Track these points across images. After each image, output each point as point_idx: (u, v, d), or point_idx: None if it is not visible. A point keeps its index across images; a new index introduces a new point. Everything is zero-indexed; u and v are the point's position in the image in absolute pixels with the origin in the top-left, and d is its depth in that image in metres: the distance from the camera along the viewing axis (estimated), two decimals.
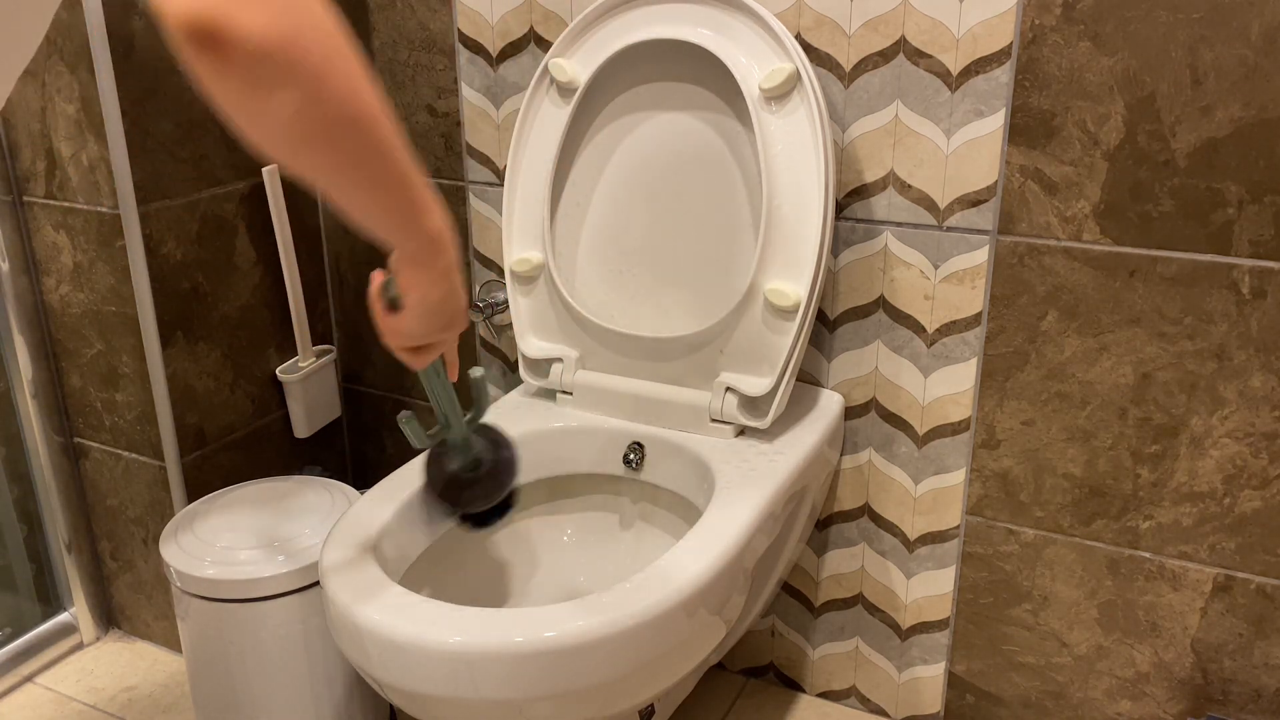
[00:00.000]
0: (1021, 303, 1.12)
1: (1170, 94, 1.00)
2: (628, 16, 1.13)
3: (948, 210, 1.12)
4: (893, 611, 1.31)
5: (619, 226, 1.18)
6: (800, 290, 1.08)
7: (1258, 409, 1.05)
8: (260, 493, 1.28)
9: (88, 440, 1.43)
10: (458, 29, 1.31)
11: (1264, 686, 1.14)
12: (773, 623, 1.39)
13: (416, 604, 0.87)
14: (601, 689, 0.87)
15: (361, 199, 0.67)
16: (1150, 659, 1.18)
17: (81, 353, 1.37)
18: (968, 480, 1.21)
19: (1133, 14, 0.99)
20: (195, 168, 1.31)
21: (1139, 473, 1.12)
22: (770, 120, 1.08)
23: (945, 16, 1.06)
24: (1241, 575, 1.11)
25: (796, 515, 1.17)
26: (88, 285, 1.31)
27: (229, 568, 1.15)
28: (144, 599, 1.49)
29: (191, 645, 1.22)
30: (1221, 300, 1.03)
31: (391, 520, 1.01)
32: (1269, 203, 0.99)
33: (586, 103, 1.16)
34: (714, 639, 0.99)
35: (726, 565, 0.93)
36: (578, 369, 1.21)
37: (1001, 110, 1.07)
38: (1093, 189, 1.05)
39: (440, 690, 0.84)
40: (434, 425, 0.95)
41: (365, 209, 0.68)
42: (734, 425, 1.14)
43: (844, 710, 1.38)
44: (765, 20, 1.07)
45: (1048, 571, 1.20)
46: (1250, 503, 1.08)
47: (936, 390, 1.19)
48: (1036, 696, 1.26)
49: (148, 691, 1.44)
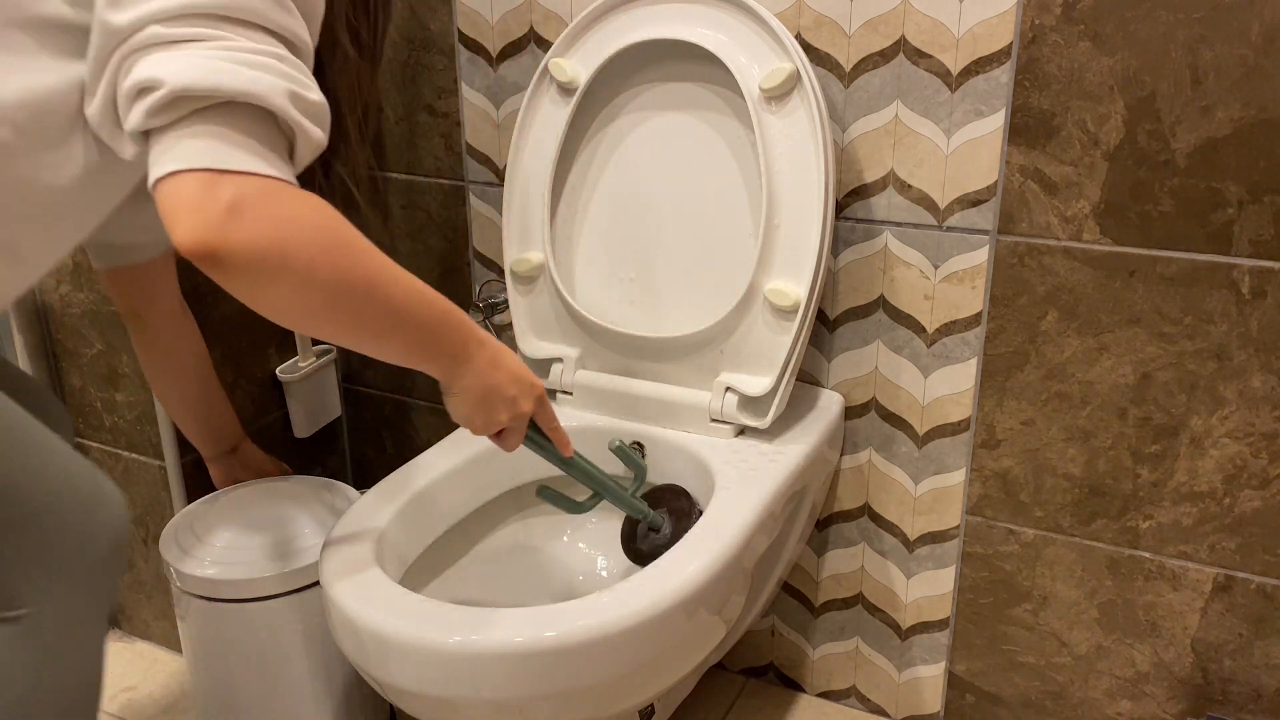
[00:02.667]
0: (1021, 303, 1.12)
1: (1170, 94, 1.00)
2: (628, 16, 1.13)
3: (948, 210, 1.12)
4: (893, 611, 1.31)
5: (619, 226, 1.18)
6: (800, 290, 1.08)
7: (1258, 409, 1.05)
8: (260, 493, 1.28)
9: (88, 440, 1.42)
10: (458, 29, 1.31)
11: (1264, 686, 1.14)
12: (773, 623, 1.39)
13: (416, 604, 0.87)
14: (601, 689, 0.87)
15: (377, 347, 0.79)
16: (1150, 659, 1.19)
17: (81, 353, 1.37)
18: (968, 480, 1.21)
19: (1133, 14, 0.99)
20: None
21: (1139, 473, 1.12)
22: (770, 120, 1.08)
23: (945, 16, 1.06)
24: (1241, 575, 1.11)
25: (796, 515, 1.17)
26: (88, 285, 1.31)
27: (229, 568, 1.15)
28: (144, 599, 1.49)
29: (191, 645, 1.22)
30: (1221, 300, 1.03)
31: (391, 520, 1.01)
32: (1269, 203, 0.99)
33: (586, 103, 1.16)
34: (714, 639, 0.99)
35: (726, 565, 0.93)
36: (578, 369, 1.21)
37: (1001, 110, 1.07)
38: (1093, 189, 1.05)
39: (440, 690, 0.84)
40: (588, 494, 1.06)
41: (381, 351, 0.79)
42: (734, 425, 1.14)
43: (844, 710, 1.38)
44: (765, 20, 1.07)
45: (1048, 571, 1.20)
46: (1250, 503, 1.08)
47: (936, 390, 1.19)
48: (1036, 696, 1.26)
49: (148, 691, 1.44)
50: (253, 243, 0.66)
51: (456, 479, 1.09)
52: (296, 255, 0.68)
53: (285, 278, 0.68)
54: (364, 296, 0.73)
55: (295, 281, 0.68)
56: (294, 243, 0.68)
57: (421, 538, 1.06)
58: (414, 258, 1.43)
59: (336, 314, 0.73)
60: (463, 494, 1.11)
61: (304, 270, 0.68)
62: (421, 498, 1.06)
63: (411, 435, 1.57)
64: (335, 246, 0.71)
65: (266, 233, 0.66)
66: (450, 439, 1.16)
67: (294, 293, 0.69)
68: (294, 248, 0.68)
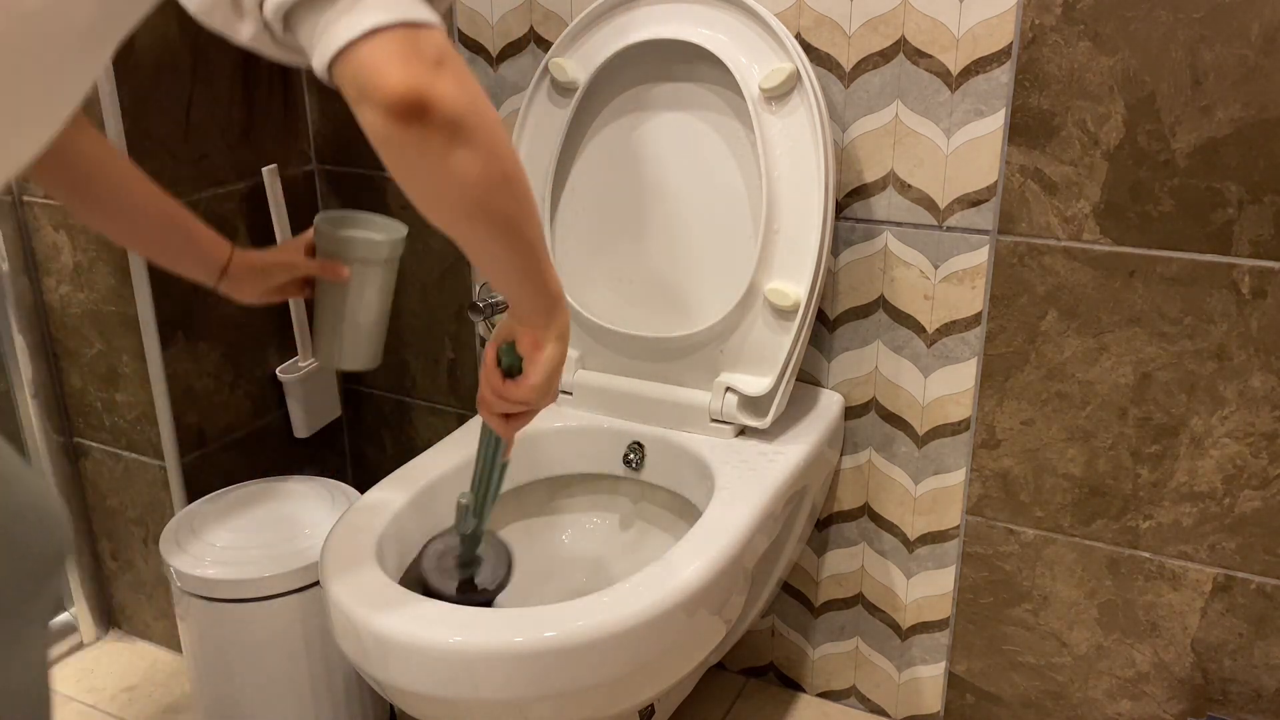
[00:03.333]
0: (1021, 303, 1.12)
1: (1170, 94, 1.00)
2: (628, 16, 1.13)
3: (948, 210, 1.12)
4: (893, 611, 1.31)
5: (619, 226, 1.18)
6: (800, 290, 1.08)
7: (1258, 409, 1.05)
8: (260, 493, 1.28)
9: (88, 440, 1.43)
10: (458, 29, 1.31)
11: (1264, 686, 1.14)
12: (773, 623, 1.39)
13: (416, 604, 0.87)
14: (601, 689, 0.87)
15: (510, 257, 0.75)
16: (1150, 659, 1.19)
17: (81, 353, 1.37)
18: (968, 480, 1.21)
19: (1133, 14, 0.99)
20: (195, 168, 1.31)
21: (1139, 472, 1.12)
22: (770, 120, 1.08)
23: (945, 16, 1.06)
24: (1241, 575, 1.11)
25: (796, 515, 1.17)
26: (88, 285, 1.31)
27: (229, 568, 1.15)
28: (144, 599, 1.49)
29: (191, 645, 1.22)
30: (1221, 300, 1.03)
31: (391, 520, 1.01)
32: (1269, 203, 0.99)
33: (586, 103, 1.16)
34: (714, 639, 0.99)
35: (726, 565, 0.93)
36: (578, 369, 1.21)
37: (1001, 110, 1.07)
38: (1093, 189, 1.05)
39: (440, 690, 0.84)
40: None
41: (510, 267, 0.76)
42: (734, 425, 1.14)
43: (844, 710, 1.38)
44: (765, 20, 1.07)
45: (1048, 571, 1.20)
46: (1250, 503, 1.08)
47: (936, 390, 1.19)
48: (1036, 696, 1.26)
49: (148, 691, 1.44)
50: (460, 97, 0.64)
51: (457, 479, 1.09)
52: (485, 121, 0.66)
53: (481, 139, 0.66)
54: (522, 190, 0.71)
55: (485, 147, 0.66)
56: (483, 107, 0.66)
57: (422, 538, 1.06)
58: (414, 258, 1.43)
59: (500, 198, 0.70)
60: None
61: (491, 138, 0.66)
62: (422, 498, 1.06)
63: (411, 435, 1.57)
64: (501, 124, 0.68)
65: (470, 89, 0.65)
66: (450, 439, 1.16)
67: (482, 160, 0.66)
68: (483, 112, 0.66)
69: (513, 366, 0.83)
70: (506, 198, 0.70)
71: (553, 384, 0.84)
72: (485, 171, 0.67)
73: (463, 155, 0.66)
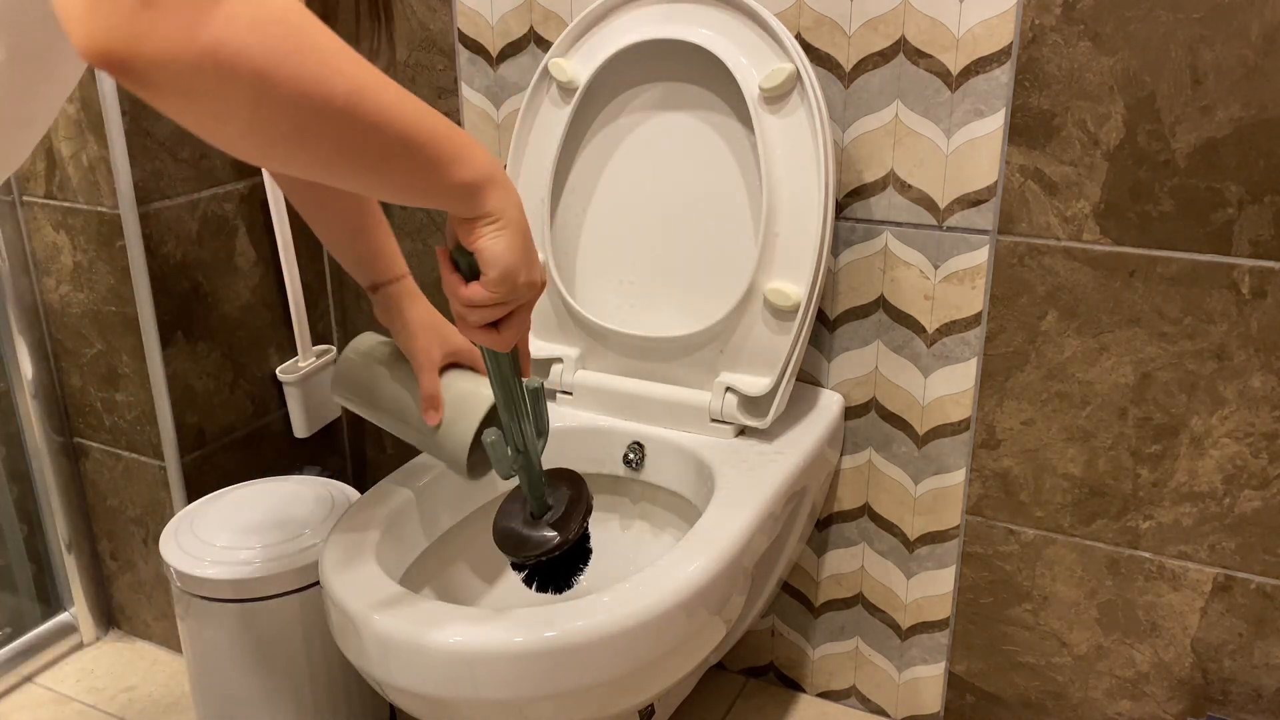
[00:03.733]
0: (1021, 303, 1.12)
1: (1170, 94, 1.00)
2: (628, 16, 1.13)
3: (948, 210, 1.12)
4: (893, 611, 1.31)
5: (619, 226, 1.18)
6: (800, 290, 1.08)
7: (1258, 409, 1.05)
8: (260, 493, 1.28)
9: (88, 440, 1.43)
10: (458, 29, 1.31)
11: (1264, 686, 1.14)
12: (773, 623, 1.39)
13: (416, 604, 0.87)
14: (601, 689, 0.87)
15: (367, 179, 0.63)
16: (1150, 659, 1.19)
17: (81, 353, 1.37)
18: (968, 480, 1.21)
19: (1133, 14, 0.99)
20: (195, 168, 1.31)
21: (1139, 473, 1.12)
22: (770, 120, 1.08)
23: (945, 16, 1.06)
24: (1241, 575, 1.11)
25: (796, 515, 1.17)
26: (88, 285, 1.31)
27: (229, 568, 1.15)
28: (144, 599, 1.49)
29: (191, 645, 1.22)
30: (1221, 300, 1.03)
31: (392, 520, 1.01)
32: (1269, 203, 0.99)
33: (586, 103, 1.16)
34: (714, 639, 0.99)
35: (726, 565, 0.93)
36: (578, 369, 1.21)
37: (1001, 110, 1.07)
38: (1093, 189, 1.05)
39: (440, 690, 0.84)
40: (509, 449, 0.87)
41: (377, 187, 0.65)
42: (734, 425, 1.14)
43: (844, 710, 1.38)
44: (765, 20, 1.07)
45: (1048, 571, 1.20)
46: (1250, 503, 1.08)
47: (936, 390, 1.19)
48: (1036, 696, 1.26)
49: (148, 691, 1.44)
50: (178, 46, 0.49)
51: (457, 479, 1.09)
52: (242, 59, 0.51)
53: (231, 91, 0.51)
54: (347, 109, 0.56)
55: (244, 96, 0.52)
56: (236, 44, 0.50)
57: (422, 537, 1.06)
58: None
59: (311, 137, 0.56)
60: (463, 494, 1.11)
61: (256, 77, 0.52)
62: (422, 497, 1.06)
63: None
64: (299, 48, 0.53)
65: (195, 31, 0.49)
66: None
67: (245, 111, 0.52)
68: (238, 49, 0.50)
69: (472, 266, 0.73)
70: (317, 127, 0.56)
71: (515, 271, 0.71)
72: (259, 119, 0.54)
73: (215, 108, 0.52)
